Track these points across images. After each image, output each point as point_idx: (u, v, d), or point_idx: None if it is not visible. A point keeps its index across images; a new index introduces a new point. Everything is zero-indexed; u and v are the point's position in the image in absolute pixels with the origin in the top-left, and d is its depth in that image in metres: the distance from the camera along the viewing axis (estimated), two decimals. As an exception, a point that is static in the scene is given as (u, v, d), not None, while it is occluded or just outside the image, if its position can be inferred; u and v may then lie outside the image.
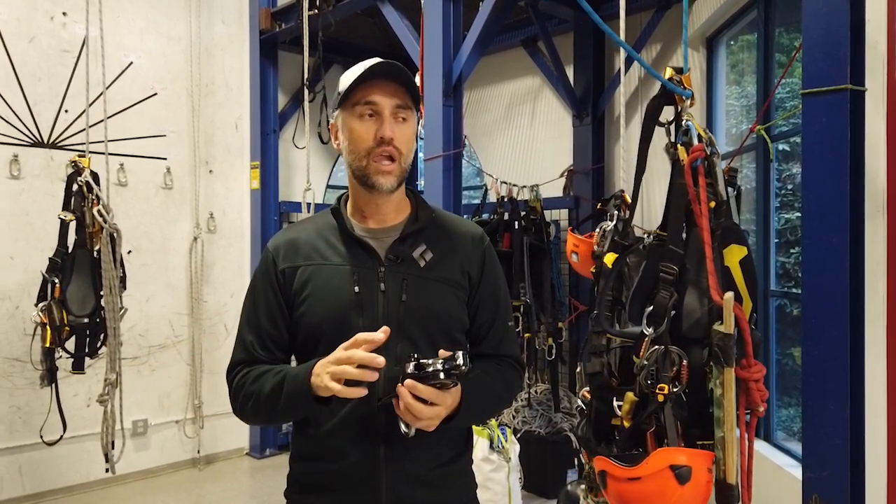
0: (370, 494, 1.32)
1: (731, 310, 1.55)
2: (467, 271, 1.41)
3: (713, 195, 1.74)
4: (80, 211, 3.32)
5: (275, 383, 1.29)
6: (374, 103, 1.32)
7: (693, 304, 1.70)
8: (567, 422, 4.05)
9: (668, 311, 1.69)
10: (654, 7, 4.08)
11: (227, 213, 4.96)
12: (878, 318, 2.10)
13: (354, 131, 1.34)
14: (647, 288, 1.78)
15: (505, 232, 4.05)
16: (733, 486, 1.59)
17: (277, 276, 1.39)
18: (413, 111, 1.36)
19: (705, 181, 1.71)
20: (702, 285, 1.68)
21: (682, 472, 1.56)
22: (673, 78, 1.79)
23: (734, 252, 1.75)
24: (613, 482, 1.66)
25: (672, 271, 1.72)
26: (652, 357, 1.67)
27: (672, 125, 1.84)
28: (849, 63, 1.93)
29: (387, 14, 3.98)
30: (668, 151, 1.82)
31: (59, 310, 3.22)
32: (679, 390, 1.65)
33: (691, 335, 1.68)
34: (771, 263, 3.27)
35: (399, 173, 1.35)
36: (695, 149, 1.73)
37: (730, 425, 1.56)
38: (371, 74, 1.31)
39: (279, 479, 1.46)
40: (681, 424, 1.67)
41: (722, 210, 1.75)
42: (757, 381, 1.61)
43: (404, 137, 1.34)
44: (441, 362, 1.18)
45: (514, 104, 5.17)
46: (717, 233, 1.72)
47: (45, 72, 4.10)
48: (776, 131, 3.24)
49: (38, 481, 4.07)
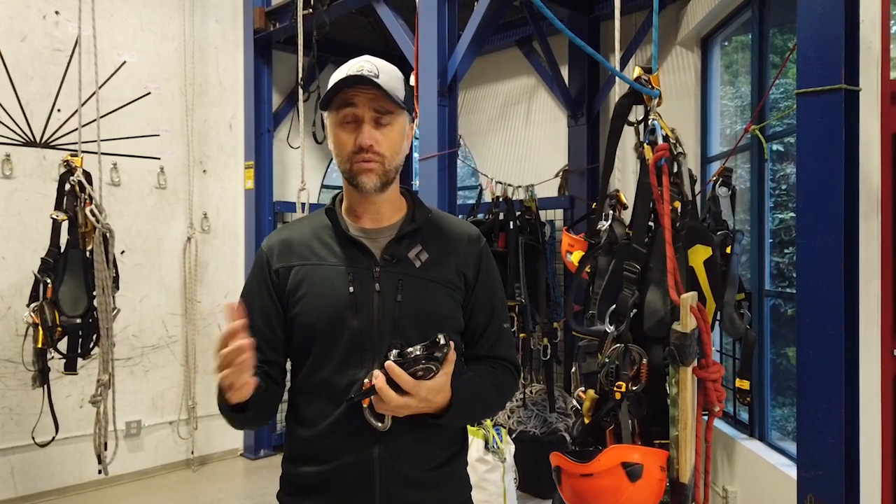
0: (363, 496, 1.31)
1: (689, 309, 1.55)
2: (463, 272, 1.41)
3: (678, 195, 1.74)
4: (73, 211, 3.30)
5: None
6: (352, 108, 1.31)
7: (656, 304, 1.70)
8: (562, 422, 4.05)
9: (629, 310, 1.70)
10: (647, 8, 4.08)
11: (221, 213, 4.94)
12: (872, 318, 2.10)
13: (338, 137, 1.34)
14: (615, 287, 1.79)
15: (500, 232, 4.05)
16: (686, 485, 1.59)
17: (272, 276, 1.38)
18: (398, 114, 1.34)
19: (669, 181, 1.71)
20: (665, 284, 1.68)
21: (634, 470, 1.57)
22: (641, 78, 1.80)
23: (699, 252, 1.76)
24: (567, 478, 1.67)
25: (635, 270, 1.73)
26: (613, 355, 1.68)
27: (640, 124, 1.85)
28: (843, 63, 1.93)
29: (382, 13, 3.98)
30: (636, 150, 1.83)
31: (52, 310, 3.20)
32: (638, 389, 1.66)
33: (653, 334, 1.69)
34: (765, 263, 3.27)
35: (383, 173, 1.34)
36: (659, 148, 1.73)
37: (684, 424, 1.56)
38: (347, 83, 1.30)
39: (273, 480, 1.45)
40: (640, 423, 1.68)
41: (687, 210, 1.75)
42: (715, 381, 1.61)
43: (387, 141, 1.33)
44: (420, 347, 1.19)
45: (509, 104, 5.17)
46: (682, 233, 1.72)
47: (37, 71, 4.08)
48: (770, 131, 3.25)
49: (30, 483, 4.04)
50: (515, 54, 4.96)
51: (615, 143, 1.89)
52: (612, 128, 1.89)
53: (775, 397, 3.33)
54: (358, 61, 1.34)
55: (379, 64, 1.34)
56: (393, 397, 1.19)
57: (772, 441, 3.19)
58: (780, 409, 3.37)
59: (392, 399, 1.19)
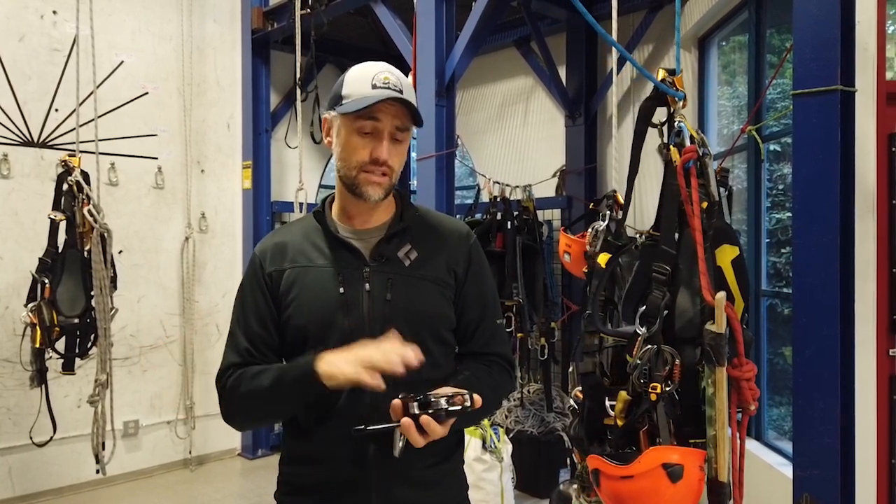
0: (360, 496, 1.31)
1: (723, 309, 1.56)
2: (453, 269, 1.41)
3: (705, 196, 1.75)
4: (71, 210, 3.30)
5: (277, 375, 1.30)
6: (377, 122, 1.32)
7: (685, 304, 1.71)
8: (560, 421, 4.06)
9: (660, 311, 1.70)
10: (646, 8, 4.09)
11: (219, 213, 4.94)
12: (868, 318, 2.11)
13: (350, 143, 1.34)
14: (640, 288, 1.79)
15: (498, 232, 4.05)
16: (725, 483, 1.60)
17: (265, 280, 1.39)
18: (410, 131, 1.38)
19: (697, 182, 1.72)
20: (694, 285, 1.69)
21: (675, 471, 1.57)
22: (665, 79, 1.80)
23: (726, 252, 1.77)
24: (607, 480, 1.67)
25: (665, 271, 1.73)
26: (645, 356, 1.67)
27: (665, 126, 1.85)
28: (839, 64, 1.94)
29: (380, 13, 3.98)
30: (661, 152, 1.83)
31: (49, 310, 3.20)
32: (672, 389, 1.66)
33: (684, 335, 1.69)
34: (762, 263, 3.28)
35: (389, 186, 1.36)
36: (687, 150, 1.73)
37: (721, 424, 1.57)
38: (381, 98, 1.29)
39: (271, 479, 1.45)
40: (673, 423, 1.68)
41: (714, 211, 1.76)
42: (749, 380, 1.62)
43: (399, 157, 1.36)
44: (447, 399, 1.18)
45: (506, 104, 5.17)
46: (710, 233, 1.73)
47: (35, 70, 4.07)
48: (767, 132, 3.26)
49: (28, 483, 4.04)
50: (513, 54, 4.96)
51: (640, 146, 1.89)
52: (636, 130, 1.89)
53: (772, 397, 3.34)
54: (381, 71, 1.33)
55: (400, 77, 1.34)
56: (421, 442, 1.19)
57: (768, 440, 3.20)
58: (777, 409, 3.38)
59: (421, 442, 1.19)
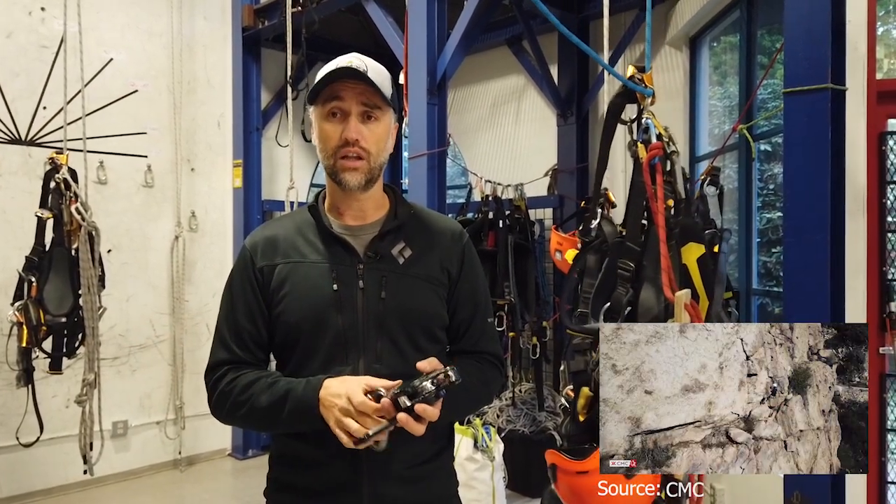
0: (351, 492, 1.30)
1: (682, 307, 1.56)
2: (446, 268, 1.40)
3: (671, 193, 1.75)
4: (58, 208, 3.26)
5: (274, 398, 1.27)
6: (340, 101, 1.31)
7: (650, 301, 1.71)
8: (551, 420, 4.06)
9: (623, 308, 1.71)
10: (637, 6, 4.09)
11: (209, 212, 4.91)
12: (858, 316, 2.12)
13: (323, 130, 1.33)
14: (609, 284, 1.80)
15: (489, 231, 4.05)
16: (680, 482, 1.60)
17: (255, 274, 1.37)
18: (385, 111, 1.34)
19: (663, 179, 1.73)
20: (658, 282, 1.69)
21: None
22: (634, 76, 1.81)
23: (692, 250, 1.77)
24: (563, 475, 1.69)
25: (629, 268, 1.74)
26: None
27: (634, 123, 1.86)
28: (830, 63, 1.95)
29: (371, 12, 3.96)
30: (630, 149, 1.84)
31: (36, 309, 3.16)
32: None
33: None
34: (753, 262, 3.29)
35: (367, 171, 1.33)
36: (653, 146, 1.74)
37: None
38: (337, 75, 1.30)
39: (261, 479, 1.44)
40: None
41: (681, 208, 1.76)
42: None
43: (373, 137, 1.33)
44: (431, 381, 1.17)
45: (498, 103, 5.17)
46: (675, 231, 1.73)
47: (22, 67, 4.03)
48: (758, 131, 3.27)
49: (15, 484, 3.99)
50: (505, 53, 4.96)
51: (609, 142, 1.90)
52: (605, 126, 1.89)
53: (763, 395, 3.35)
54: (346, 57, 1.34)
55: (367, 60, 1.34)
56: (420, 430, 1.19)
57: (759, 439, 3.20)
58: (768, 408, 3.38)
59: (421, 430, 1.19)
